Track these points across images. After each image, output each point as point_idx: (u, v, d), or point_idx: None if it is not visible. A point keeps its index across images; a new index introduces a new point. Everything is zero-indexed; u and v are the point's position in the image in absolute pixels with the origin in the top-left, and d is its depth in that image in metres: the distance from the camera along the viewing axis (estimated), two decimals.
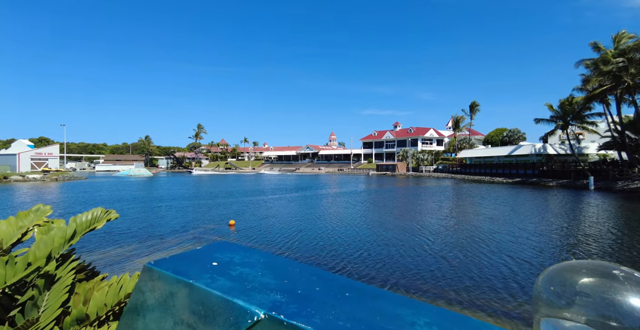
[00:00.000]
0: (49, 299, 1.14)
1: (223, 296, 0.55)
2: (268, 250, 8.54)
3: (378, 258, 7.83)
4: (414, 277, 6.60)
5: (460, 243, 9.35)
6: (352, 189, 28.75)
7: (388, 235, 10.32)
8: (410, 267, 7.17)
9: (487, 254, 8.25)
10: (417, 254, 8.22)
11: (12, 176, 39.09)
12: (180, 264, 0.64)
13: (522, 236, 10.15)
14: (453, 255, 8.08)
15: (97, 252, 8.30)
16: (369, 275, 6.63)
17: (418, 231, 10.88)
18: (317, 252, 8.33)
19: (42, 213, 1.37)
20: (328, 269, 6.96)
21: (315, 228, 11.37)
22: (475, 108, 60.05)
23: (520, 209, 16.54)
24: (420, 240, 9.58)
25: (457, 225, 12.26)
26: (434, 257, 7.96)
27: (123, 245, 8.99)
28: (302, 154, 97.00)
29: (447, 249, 8.73)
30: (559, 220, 13.12)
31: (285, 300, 0.56)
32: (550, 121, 34.04)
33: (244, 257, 0.73)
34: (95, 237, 9.68)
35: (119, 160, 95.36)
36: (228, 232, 10.81)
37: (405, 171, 61.10)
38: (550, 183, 32.92)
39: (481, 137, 70.44)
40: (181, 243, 9.22)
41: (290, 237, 10.02)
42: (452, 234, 10.67)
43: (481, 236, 10.12)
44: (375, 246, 8.92)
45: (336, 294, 0.62)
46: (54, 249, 1.23)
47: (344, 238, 9.86)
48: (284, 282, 0.64)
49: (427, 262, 7.52)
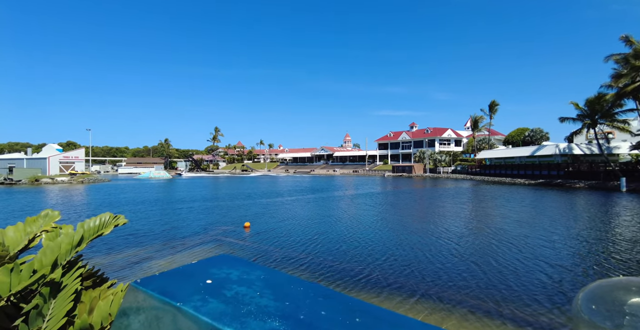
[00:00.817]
0: (54, 307, 1.12)
1: (212, 324, 0.48)
2: (284, 253, 8.51)
3: (405, 263, 7.55)
4: (446, 285, 6.25)
5: (490, 248, 8.92)
6: (368, 191, 28.43)
7: (413, 239, 10.02)
8: (440, 274, 6.85)
9: (521, 259, 7.80)
10: (445, 259, 7.90)
11: (43, 179, 41.19)
12: (170, 282, 0.58)
13: (558, 241, 9.62)
14: (484, 261, 7.70)
15: (114, 254, 8.52)
16: (397, 282, 6.36)
17: (443, 234, 10.54)
18: (341, 256, 8.10)
19: (50, 218, 1.36)
20: (354, 275, 6.71)
21: (335, 230, 11.25)
22: (494, 107, 58.20)
23: (549, 211, 15.82)
24: (447, 245, 9.25)
25: (484, 228, 11.79)
26: (464, 262, 7.62)
27: (142, 246, 9.20)
28: (317, 156, 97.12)
29: (477, 253, 8.36)
30: (597, 224, 12.40)
31: (285, 328, 0.49)
32: (576, 120, 32.52)
33: (242, 273, 0.66)
34: (120, 238, 9.95)
35: (140, 163, 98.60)
36: (243, 234, 10.89)
37: (422, 172, 59.93)
38: (577, 184, 31.37)
39: (501, 137, 68.21)
40: (195, 246, 9.34)
41: (309, 240, 9.95)
42: (480, 237, 10.25)
43: (512, 240, 9.66)
44: (400, 250, 8.66)
45: (345, 319, 0.54)
46: (60, 256, 1.21)
47: (367, 241, 9.66)
48: (285, 305, 0.56)
49: (458, 269, 7.18)
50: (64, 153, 51.96)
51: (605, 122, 31.02)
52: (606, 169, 32.08)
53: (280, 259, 7.92)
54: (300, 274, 6.77)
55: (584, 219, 13.70)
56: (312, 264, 7.58)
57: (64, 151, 53.93)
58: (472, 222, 13.18)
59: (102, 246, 8.94)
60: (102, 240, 9.04)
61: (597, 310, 0.47)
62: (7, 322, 1.09)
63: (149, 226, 12.11)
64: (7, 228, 1.27)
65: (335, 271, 7.04)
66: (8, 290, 1.03)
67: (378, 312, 0.59)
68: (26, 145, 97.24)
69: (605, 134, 35.63)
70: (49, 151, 50.63)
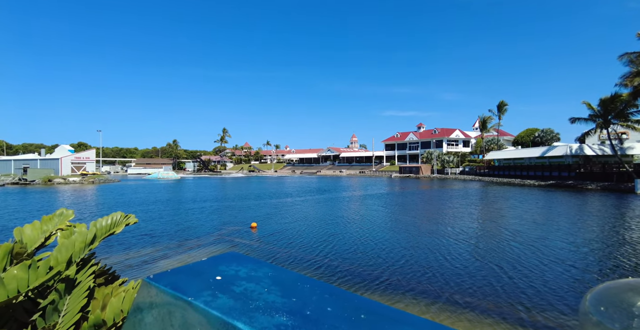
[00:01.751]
0: (69, 303, 1.15)
1: (222, 317, 0.50)
2: (291, 254, 8.54)
3: (425, 266, 7.39)
4: (470, 289, 6.02)
5: (512, 250, 8.70)
6: (376, 192, 28.32)
7: (429, 240, 9.85)
8: (464, 278, 6.64)
9: (546, 263, 7.57)
10: (467, 261, 7.73)
11: (56, 179, 42.12)
12: (181, 278, 0.60)
13: (580, 244, 9.37)
14: (508, 264, 7.50)
15: (127, 252, 8.67)
16: (419, 286, 6.19)
17: (460, 236, 10.40)
18: (355, 259, 7.91)
19: (65, 217, 1.40)
20: (372, 279, 6.59)
21: (346, 232, 11.19)
22: (503, 108, 57.40)
23: (565, 213, 15.56)
24: (466, 247, 9.10)
25: (502, 230, 11.58)
26: (487, 265, 7.45)
27: (150, 246, 9.34)
28: (324, 157, 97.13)
29: (498, 256, 8.16)
30: (615, 227, 12.11)
31: (292, 323, 0.50)
32: (588, 120, 31.87)
33: (250, 271, 0.68)
34: (134, 238, 10.11)
35: (149, 164, 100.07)
36: (250, 234, 10.95)
37: (430, 173, 59.42)
38: (588, 186, 30.71)
39: (510, 138, 67.27)
40: (201, 247, 9.44)
41: (318, 241, 9.93)
42: (499, 239, 10.06)
43: (534, 243, 9.44)
44: (418, 252, 8.51)
45: (350, 316, 0.55)
46: (75, 254, 1.25)
47: (381, 243, 9.56)
48: (292, 301, 0.58)
49: (481, 272, 6.99)
50: (76, 154, 53.03)
51: (618, 122, 30.34)
52: (620, 170, 31.34)
53: (286, 260, 7.94)
54: (310, 275, 6.76)
55: (600, 221, 13.42)
56: (322, 266, 7.57)
57: (76, 152, 55.06)
58: (488, 223, 13.01)
59: (112, 245, 9.10)
60: (112, 240, 9.21)
61: (605, 312, 0.47)
62: (26, 316, 1.13)
63: (156, 226, 12.28)
64: (24, 226, 1.32)
65: (352, 274, 6.90)
66: (26, 285, 1.07)
67: (383, 309, 0.61)
68: (40, 146, 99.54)
69: (618, 135, 34.83)
70: (61, 152, 51.77)
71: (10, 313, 1.11)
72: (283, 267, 0.85)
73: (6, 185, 38.43)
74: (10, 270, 1.08)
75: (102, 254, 8.34)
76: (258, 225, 12.22)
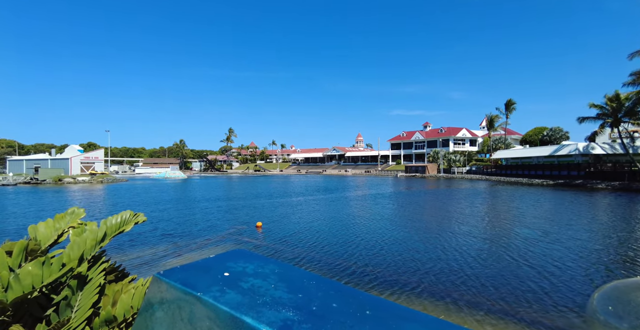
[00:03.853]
0: (81, 299, 1.19)
1: (231, 312, 0.51)
2: (296, 253, 8.57)
3: (455, 269, 7.16)
4: (513, 294, 5.74)
5: (551, 252, 8.44)
6: (382, 191, 28.23)
7: (453, 241, 9.64)
8: (505, 281, 6.34)
9: (584, 266, 7.32)
10: (507, 263, 7.50)
11: (65, 179, 42.90)
12: (190, 274, 0.62)
13: (613, 245, 9.20)
14: (545, 266, 7.23)
15: (136, 251, 8.79)
16: (455, 292, 5.99)
17: (486, 235, 10.28)
18: (363, 260, 7.79)
19: (76, 215, 1.44)
20: (378, 278, 6.51)
21: (352, 232, 11.15)
22: (511, 106, 56.68)
23: (583, 212, 15.31)
24: (495, 248, 8.92)
25: (516, 229, 11.43)
26: (498, 264, 7.31)
27: (156, 245, 9.46)
28: (329, 156, 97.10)
29: (534, 257, 7.93)
30: (634, 227, 11.93)
31: (298, 318, 0.52)
32: (597, 119, 31.30)
33: (257, 267, 0.69)
34: (142, 237, 10.26)
35: (156, 164, 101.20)
36: (255, 233, 11.02)
37: (436, 173, 58.98)
38: (599, 185, 30.17)
39: (518, 137, 66.40)
40: (206, 246, 9.52)
41: (326, 241, 9.97)
42: (514, 239, 9.91)
43: (568, 244, 9.24)
44: (447, 254, 8.30)
45: (355, 312, 0.56)
46: (86, 251, 1.28)
47: (387, 242, 9.49)
48: (298, 297, 0.59)
49: (520, 275, 6.75)
50: (85, 154, 53.90)
51: (629, 121, 29.76)
52: (631, 169, 30.73)
53: (292, 261, 7.97)
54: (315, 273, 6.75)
55: (613, 221, 13.19)
56: (325, 265, 7.58)
57: (85, 152, 55.95)
58: (501, 222, 12.87)
59: (121, 243, 9.24)
60: (120, 238, 9.35)
61: (613, 311, 0.47)
62: (40, 311, 1.16)
63: (163, 225, 12.43)
64: (38, 224, 1.36)
65: (358, 274, 6.78)
66: (40, 281, 1.10)
67: (388, 306, 0.61)
68: (50, 146, 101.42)
69: (630, 133, 34.14)
70: (71, 152, 52.68)
71: (25, 308, 1.14)
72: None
73: (18, 184, 39.26)
74: (25, 267, 1.11)
75: (111, 252, 8.48)
76: (263, 225, 12.28)
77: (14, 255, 1.19)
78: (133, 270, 6.99)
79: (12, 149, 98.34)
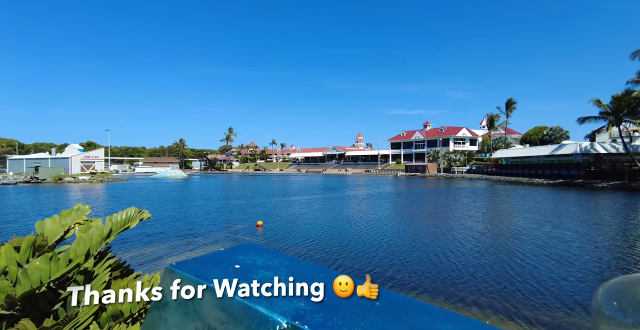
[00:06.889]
0: None
1: (244, 302, 0.52)
2: (297, 252, 8.58)
3: (445, 265, 7.17)
4: (514, 292, 5.68)
5: (553, 251, 8.39)
6: (382, 190, 28.24)
7: (436, 240, 9.69)
8: (482, 276, 6.37)
9: (606, 267, 7.20)
10: (478, 261, 7.57)
11: (66, 178, 42.93)
12: (202, 266, 0.63)
13: (621, 246, 9.15)
14: (526, 260, 7.31)
15: (138, 249, 8.81)
16: (428, 286, 6.07)
17: (472, 234, 10.30)
18: (364, 258, 7.82)
19: (82, 212, 1.45)
20: (378, 274, 6.53)
21: (351, 230, 11.16)
22: (511, 106, 56.65)
23: (585, 211, 15.30)
24: (481, 244, 8.97)
25: (519, 228, 11.38)
26: (499, 262, 7.35)
27: (158, 243, 9.48)
28: (329, 155, 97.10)
29: (514, 253, 7.99)
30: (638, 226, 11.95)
31: (310, 308, 0.52)
32: (598, 118, 31.31)
33: (267, 260, 0.70)
34: (142, 235, 10.27)
35: (157, 163, 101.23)
36: (256, 232, 11.03)
37: (436, 172, 59.01)
38: (599, 184, 30.19)
39: (518, 136, 66.40)
40: (207, 245, 9.54)
41: (327, 239, 9.98)
42: (517, 237, 9.90)
43: (572, 241, 9.23)
44: (423, 250, 8.39)
45: (365, 303, 0.57)
46: (92, 247, 1.29)
47: (389, 239, 9.50)
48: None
49: (492, 270, 6.78)
50: (85, 153, 53.90)
51: (631, 120, 29.78)
52: (632, 169, 30.75)
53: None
54: None
55: (614, 219, 13.21)
56: (327, 264, 7.60)
57: (85, 151, 55.95)
58: (502, 221, 12.88)
59: (124, 241, 9.26)
60: (122, 235, 9.36)
61: (618, 307, 0.47)
62: (48, 306, 1.17)
63: (163, 224, 12.44)
64: (45, 220, 1.37)
65: (377, 281, 6.60)
66: (48, 277, 1.11)
67: (396, 297, 0.62)
68: (50, 145, 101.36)
69: (630, 133, 34.16)
70: (71, 151, 52.69)
71: (34, 303, 1.15)
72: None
73: (18, 183, 39.28)
74: (33, 262, 1.12)
75: (115, 248, 8.48)
76: (264, 224, 12.30)
77: (22, 250, 1.20)
78: (137, 267, 7.01)
79: (12, 148, 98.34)
